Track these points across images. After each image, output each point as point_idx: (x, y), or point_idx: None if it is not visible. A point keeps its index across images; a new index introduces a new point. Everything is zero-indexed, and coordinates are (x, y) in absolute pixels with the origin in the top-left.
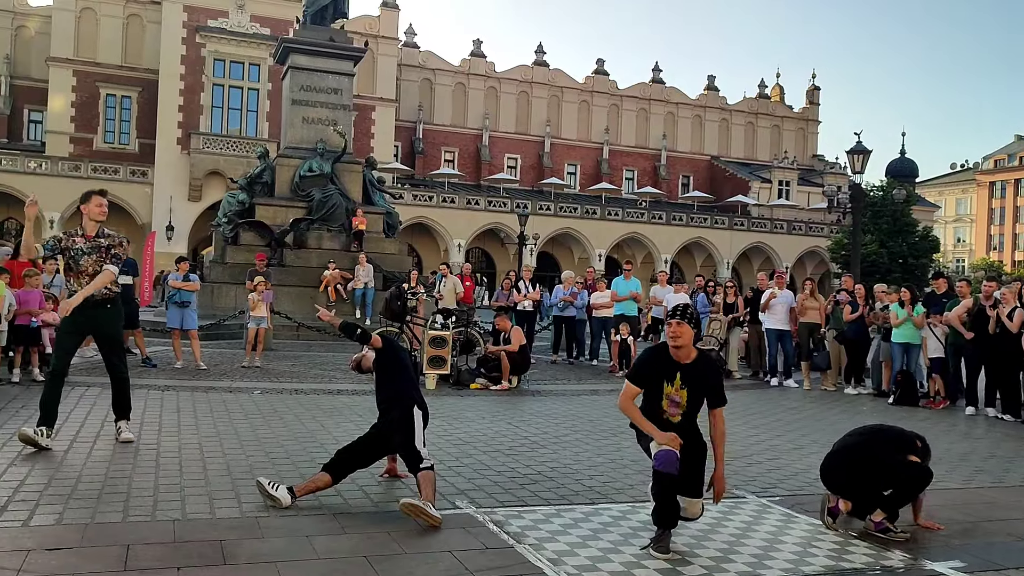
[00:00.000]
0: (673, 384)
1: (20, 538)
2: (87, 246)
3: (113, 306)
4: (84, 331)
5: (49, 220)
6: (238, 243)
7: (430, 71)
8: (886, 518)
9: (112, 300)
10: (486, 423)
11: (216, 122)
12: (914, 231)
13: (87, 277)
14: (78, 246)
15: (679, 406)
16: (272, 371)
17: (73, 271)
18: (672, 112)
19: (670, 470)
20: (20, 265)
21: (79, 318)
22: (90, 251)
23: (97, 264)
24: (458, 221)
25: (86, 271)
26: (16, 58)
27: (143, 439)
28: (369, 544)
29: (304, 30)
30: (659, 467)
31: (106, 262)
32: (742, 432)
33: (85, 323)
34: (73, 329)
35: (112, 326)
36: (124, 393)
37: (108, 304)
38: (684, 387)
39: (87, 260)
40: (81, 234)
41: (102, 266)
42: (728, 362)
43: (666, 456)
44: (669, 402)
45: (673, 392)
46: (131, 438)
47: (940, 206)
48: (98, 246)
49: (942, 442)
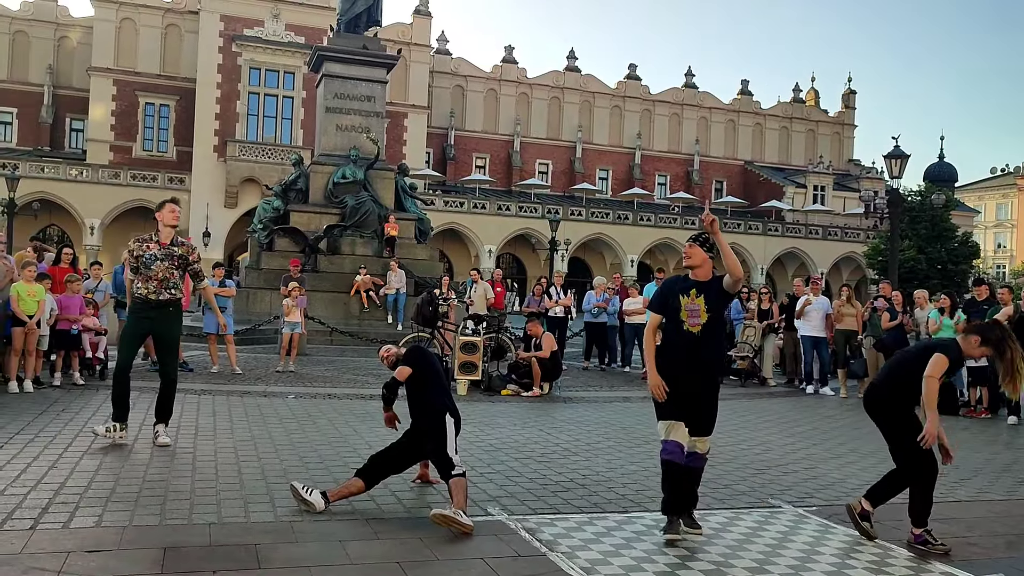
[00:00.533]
0: (689, 295)
1: (60, 539)
2: (160, 252)
3: (175, 309)
4: (146, 331)
5: (89, 227)
6: (273, 249)
7: (462, 78)
8: (925, 531)
9: (175, 303)
10: (517, 429)
11: (252, 130)
12: (953, 236)
13: (156, 282)
14: (151, 252)
15: (698, 315)
16: (306, 376)
17: (142, 275)
18: (705, 117)
19: (676, 460)
20: (62, 271)
21: (143, 319)
22: (163, 257)
23: (168, 271)
24: (489, 227)
25: (156, 276)
26: (59, 68)
27: (179, 443)
28: (402, 550)
29: (338, 38)
30: (665, 456)
31: (178, 269)
32: (777, 441)
33: (147, 324)
34: (136, 329)
35: (172, 328)
36: (169, 396)
37: (171, 307)
38: (700, 295)
39: (159, 266)
40: (156, 240)
41: (172, 272)
42: (763, 369)
43: (673, 446)
44: (688, 313)
45: (690, 302)
46: (168, 442)
47: (980, 211)
48: (171, 254)
49: (983, 453)
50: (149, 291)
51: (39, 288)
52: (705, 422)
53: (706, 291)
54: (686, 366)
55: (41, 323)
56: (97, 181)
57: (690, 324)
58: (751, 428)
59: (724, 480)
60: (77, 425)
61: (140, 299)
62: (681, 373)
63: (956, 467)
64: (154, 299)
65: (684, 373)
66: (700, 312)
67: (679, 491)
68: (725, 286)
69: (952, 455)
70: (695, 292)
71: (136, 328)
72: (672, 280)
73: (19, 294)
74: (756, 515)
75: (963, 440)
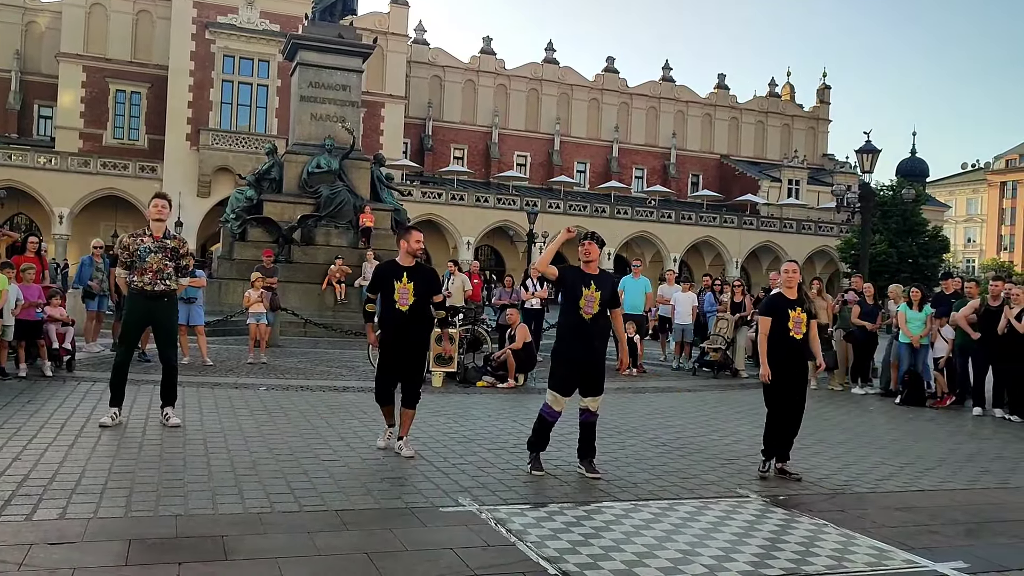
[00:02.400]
0: (589, 288)
1: (23, 532)
2: (154, 245)
3: (170, 299)
4: (144, 322)
5: (58, 216)
6: (246, 239)
7: (440, 68)
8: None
9: (169, 294)
10: (491, 421)
11: (225, 118)
12: (924, 231)
13: (151, 274)
14: (145, 245)
15: (594, 305)
16: (278, 367)
17: (137, 268)
18: (682, 111)
19: (551, 419)
20: (28, 260)
21: (140, 311)
22: (157, 250)
23: (162, 263)
24: (467, 218)
25: (151, 268)
26: (26, 54)
27: (147, 435)
28: (371, 541)
29: (313, 26)
30: (544, 415)
31: (171, 261)
32: (747, 432)
33: (145, 315)
34: (135, 321)
35: (169, 318)
36: (172, 381)
37: (165, 297)
38: (598, 290)
39: (153, 258)
40: (149, 234)
41: (166, 263)
42: (735, 361)
43: (549, 411)
44: (586, 301)
45: (590, 293)
46: (179, 423)
47: (950, 206)
48: (164, 246)
49: (947, 444)
50: (144, 283)
51: (2, 278)
52: (596, 384)
53: (601, 287)
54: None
55: (4, 313)
56: (66, 169)
57: (585, 311)
58: (722, 419)
59: (693, 470)
60: (43, 417)
61: (136, 291)
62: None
63: (920, 457)
64: (150, 290)
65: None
66: (595, 304)
67: (545, 439)
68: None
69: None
70: (594, 287)
71: (135, 320)
72: (575, 270)
73: None
74: (724, 505)
75: (928, 431)
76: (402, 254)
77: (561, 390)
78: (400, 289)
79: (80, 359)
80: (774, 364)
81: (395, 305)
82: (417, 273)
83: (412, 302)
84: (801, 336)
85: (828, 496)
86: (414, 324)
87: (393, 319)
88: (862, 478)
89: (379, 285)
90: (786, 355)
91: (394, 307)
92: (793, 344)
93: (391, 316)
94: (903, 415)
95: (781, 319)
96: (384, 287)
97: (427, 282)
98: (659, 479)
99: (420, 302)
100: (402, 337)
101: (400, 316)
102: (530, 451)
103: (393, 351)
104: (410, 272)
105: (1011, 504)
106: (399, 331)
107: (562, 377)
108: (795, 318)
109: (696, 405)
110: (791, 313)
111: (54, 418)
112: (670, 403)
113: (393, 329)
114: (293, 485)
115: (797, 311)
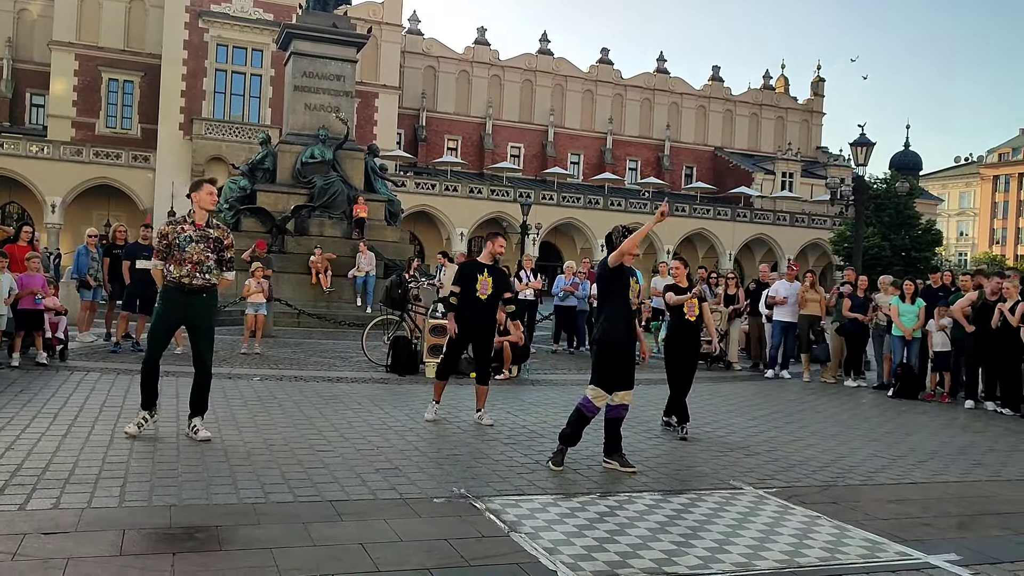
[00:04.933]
0: (483, 275)
1: (16, 522)
2: (196, 234)
3: (209, 295)
4: (178, 320)
5: (51, 204)
6: (239, 229)
7: (434, 59)
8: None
9: (209, 289)
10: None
11: (218, 108)
12: (917, 224)
13: (190, 265)
14: (186, 233)
15: (487, 289)
16: (272, 358)
17: (175, 258)
18: (676, 103)
19: (590, 415)
20: (21, 249)
21: (175, 307)
22: (198, 239)
23: (203, 254)
24: (460, 210)
25: (190, 259)
26: (18, 41)
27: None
28: (366, 531)
29: (307, 16)
30: (583, 408)
31: (212, 252)
32: (741, 423)
33: (180, 311)
34: (168, 318)
35: (206, 316)
36: (204, 388)
37: (204, 293)
38: (490, 276)
39: (193, 248)
40: (191, 222)
41: (207, 255)
42: (728, 353)
43: (589, 406)
44: (632, 292)
45: (483, 279)
46: (209, 436)
47: (943, 199)
48: (206, 236)
49: (940, 436)
50: (182, 275)
51: None
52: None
53: (494, 276)
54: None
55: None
56: (59, 158)
57: (480, 292)
58: (715, 411)
59: (687, 462)
60: (36, 406)
61: (173, 284)
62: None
63: (913, 450)
64: (188, 283)
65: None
66: (488, 289)
67: (578, 434)
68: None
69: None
70: (487, 274)
71: (168, 316)
72: (471, 263)
73: None
74: (717, 496)
75: (921, 423)
76: (485, 254)
77: (609, 386)
78: (482, 281)
79: (73, 348)
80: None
81: (476, 294)
82: (495, 271)
83: (490, 293)
84: (485, 298)
85: (821, 488)
86: (488, 312)
87: (472, 306)
88: (855, 470)
89: (463, 280)
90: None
91: (475, 295)
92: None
93: (471, 304)
94: (896, 408)
95: (469, 284)
96: (467, 282)
97: (502, 278)
98: (652, 471)
99: (496, 295)
100: (479, 321)
101: (479, 303)
102: (560, 443)
103: (469, 332)
104: (490, 269)
105: (1003, 496)
106: (476, 316)
107: (614, 371)
108: (483, 281)
109: (689, 397)
110: (480, 278)
111: (47, 407)
112: (662, 394)
113: (471, 314)
114: (287, 475)
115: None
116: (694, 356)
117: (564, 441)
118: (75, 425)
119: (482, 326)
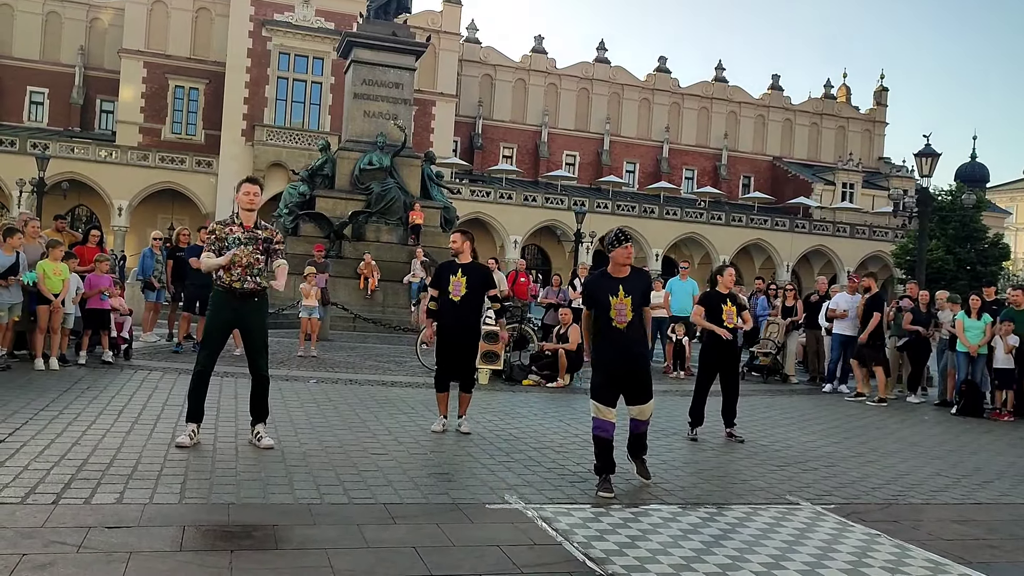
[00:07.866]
0: (618, 296)
1: (82, 515)
2: (244, 236)
3: (260, 299)
4: (230, 326)
5: (117, 208)
6: (298, 234)
7: (491, 67)
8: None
9: (260, 293)
10: (538, 420)
11: (280, 115)
12: (983, 237)
13: (239, 268)
14: (235, 235)
15: (626, 313)
16: (328, 361)
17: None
18: (734, 111)
19: (604, 435)
20: (90, 251)
21: (225, 311)
22: (247, 241)
23: (252, 256)
24: (515, 217)
25: (240, 262)
26: (90, 50)
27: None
28: (418, 535)
29: (367, 24)
30: (596, 432)
31: (262, 254)
32: (798, 438)
33: (231, 316)
34: (219, 323)
35: (258, 319)
36: (263, 394)
37: (255, 297)
38: (464, 276)
39: (243, 250)
40: (239, 223)
41: (257, 258)
42: (785, 366)
43: (600, 424)
44: (616, 312)
45: (456, 279)
46: (272, 444)
47: (1011, 212)
48: (255, 237)
49: (1006, 456)
50: (232, 279)
51: (64, 267)
52: (641, 391)
53: (631, 292)
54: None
55: (66, 302)
56: (126, 163)
57: (618, 321)
58: (772, 425)
59: (743, 475)
60: (101, 403)
61: (223, 289)
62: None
63: (978, 469)
64: (239, 287)
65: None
66: (627, 312)
67: (607, 459)
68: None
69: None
70: (623, 293)
71: (219, 322)
72: (599, 277)
73: (45, 272)
74: (774, 511)
75: (986, 443)
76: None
77: (602, 399)
78: (454, 283)
79: (137, 348)
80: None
81: (448, 296)
82: (470, 270)
83: (464, 294)
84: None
85: (882, 506)
86: (464, 314)
87: (446, 308)
88: (916, 489)
89: (437, 282)
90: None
91: (448, 297)
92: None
93: (446, 307)
94: (959, 425)
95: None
96: (441, 284)
97: (480, 276)
98: (707, 483)
99: (472, 295)
100: (455, 324)
101: (453, 306)
102: (598, 475)
103: (446, 336)
104: (464, 268)
105: None
106: (452, 319)
107: (599, 386)
108: (616, 305)
109: (745, 410)
110: (613, 300)
111: (112, 405)
112: (718, 406)
113: (447, 318)
114: (342, 477)
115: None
116: (735, 362)
117: (599, 472)
118: (138, 423)
119: (458, 330)
